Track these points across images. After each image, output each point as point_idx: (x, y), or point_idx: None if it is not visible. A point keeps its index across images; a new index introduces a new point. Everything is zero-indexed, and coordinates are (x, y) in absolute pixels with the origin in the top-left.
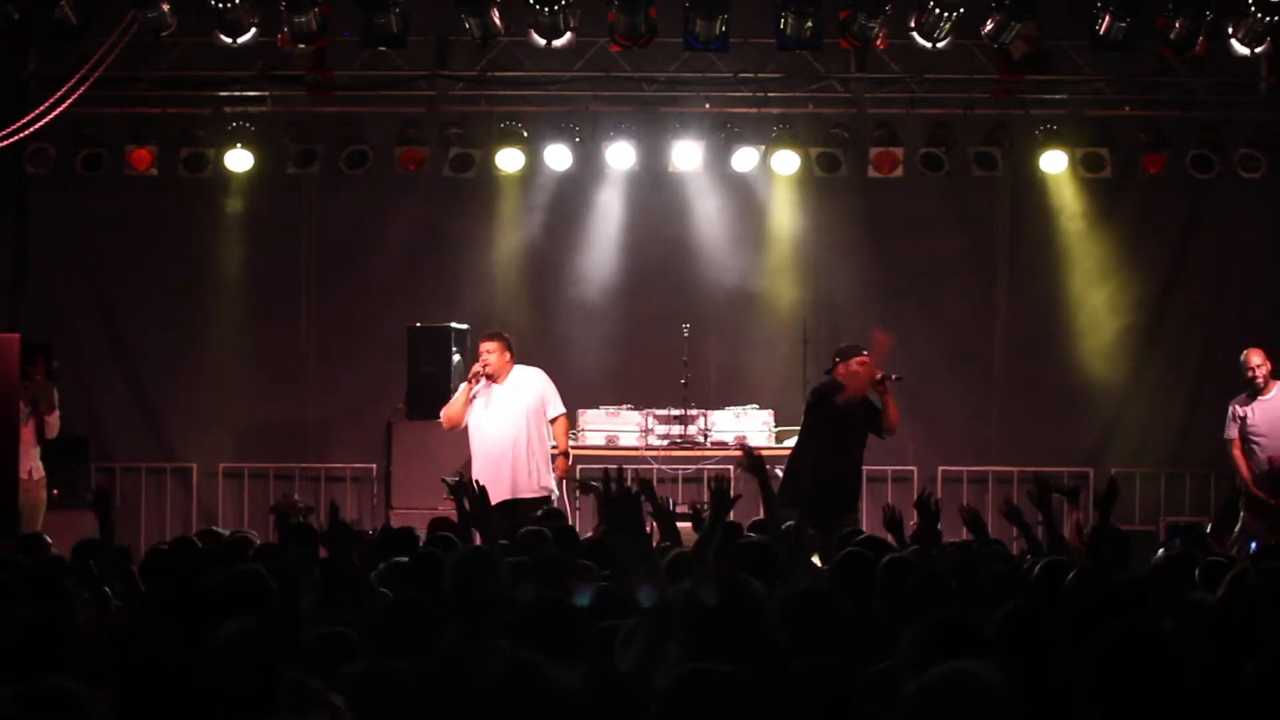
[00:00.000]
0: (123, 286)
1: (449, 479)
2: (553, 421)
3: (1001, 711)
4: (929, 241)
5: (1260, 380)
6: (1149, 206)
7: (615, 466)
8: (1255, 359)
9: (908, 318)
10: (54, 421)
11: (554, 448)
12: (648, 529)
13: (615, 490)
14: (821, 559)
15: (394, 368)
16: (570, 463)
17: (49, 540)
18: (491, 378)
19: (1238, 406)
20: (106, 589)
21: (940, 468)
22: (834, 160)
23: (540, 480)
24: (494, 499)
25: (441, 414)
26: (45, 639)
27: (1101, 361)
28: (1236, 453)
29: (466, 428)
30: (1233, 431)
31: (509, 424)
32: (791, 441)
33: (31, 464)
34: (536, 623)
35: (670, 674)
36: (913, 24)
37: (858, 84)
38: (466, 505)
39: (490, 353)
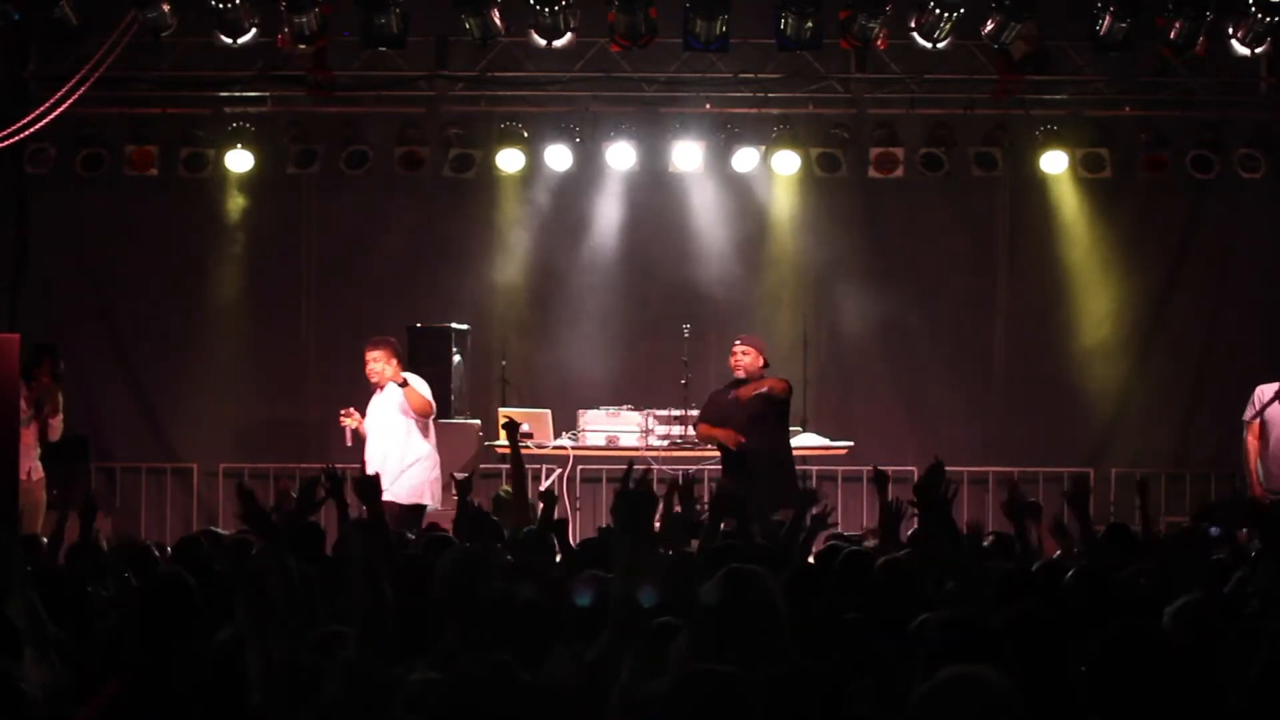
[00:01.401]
0: (123, 286)
1: (457, 475)
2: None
3: (1010, 716)
4: (929, 241)
5: None
6: (1149, 206)
7: (645, 467)
8: None
9: (908, 318)
10: (57, 424)
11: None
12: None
13: (634, 486)
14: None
15: None
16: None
17: (45, 541)
18: (377, 386)
19: (1264, 390)
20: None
21: None
22: (834, 160)
23: (404, 489)
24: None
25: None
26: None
27: (1101, 361)
28: (1251, 439)
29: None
30: (1249, 414)
31: (375, 434)
32: (791, 441)
33: (30, 464)
34: (528, 624)
35: (671, 675)
36: (913, 24)
37: (858, 84)
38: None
39: (375, 361)
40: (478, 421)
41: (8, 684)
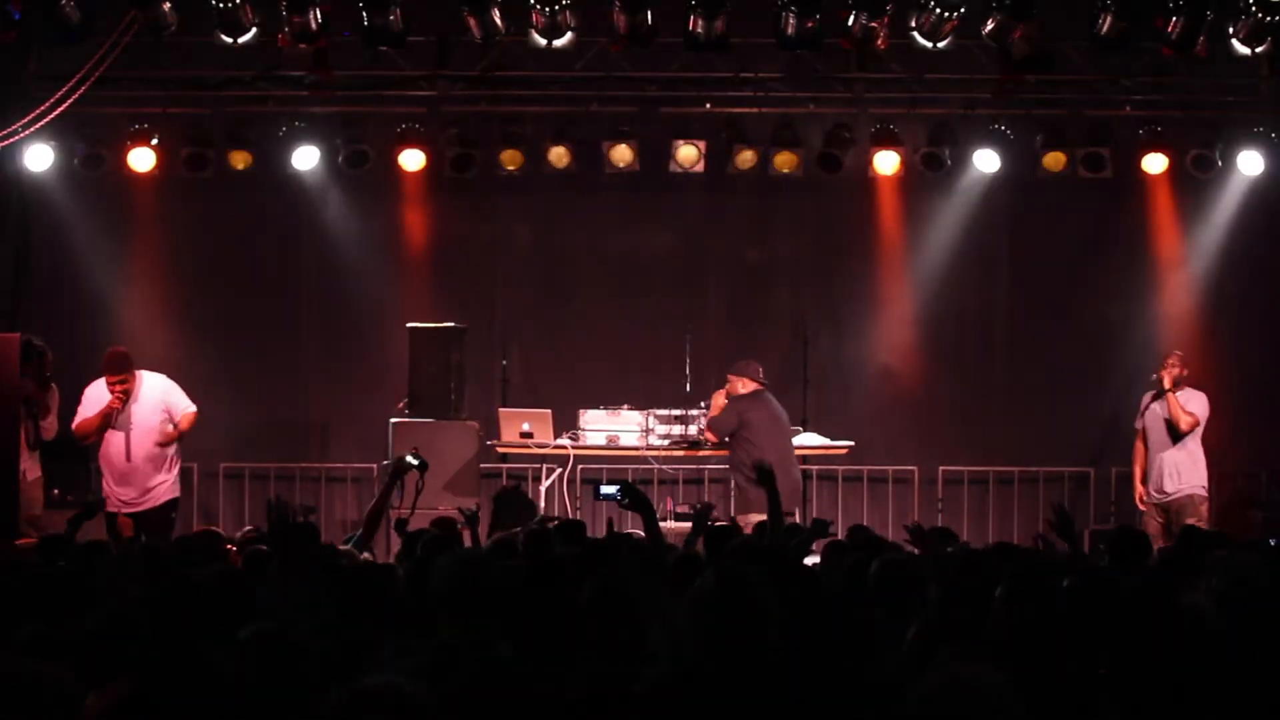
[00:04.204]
0: (123, 287)
1: (465, 509)
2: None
3: (1007, 716)
4: (929, 241)
5: (1168, 382)
6: (1148, 206)
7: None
8: (1174, 358)
9: (907, 318)
10: (50, 425)
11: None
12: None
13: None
14: None
15: (394, 368)
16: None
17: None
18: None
19: (1146, 398)
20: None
21: (940, 468)
22: (834, 160)
23: (165, 490)
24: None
25: (75, 424)
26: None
27: (1101, 361)
28: (1139, 444)
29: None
30: (1139, 422)
31: (140, 440)
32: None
33: (25, 465)
34: (537, 622)
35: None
36: (913, 24)
37: (858, 84)
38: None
39: (125, 383)
40: (476, 424)
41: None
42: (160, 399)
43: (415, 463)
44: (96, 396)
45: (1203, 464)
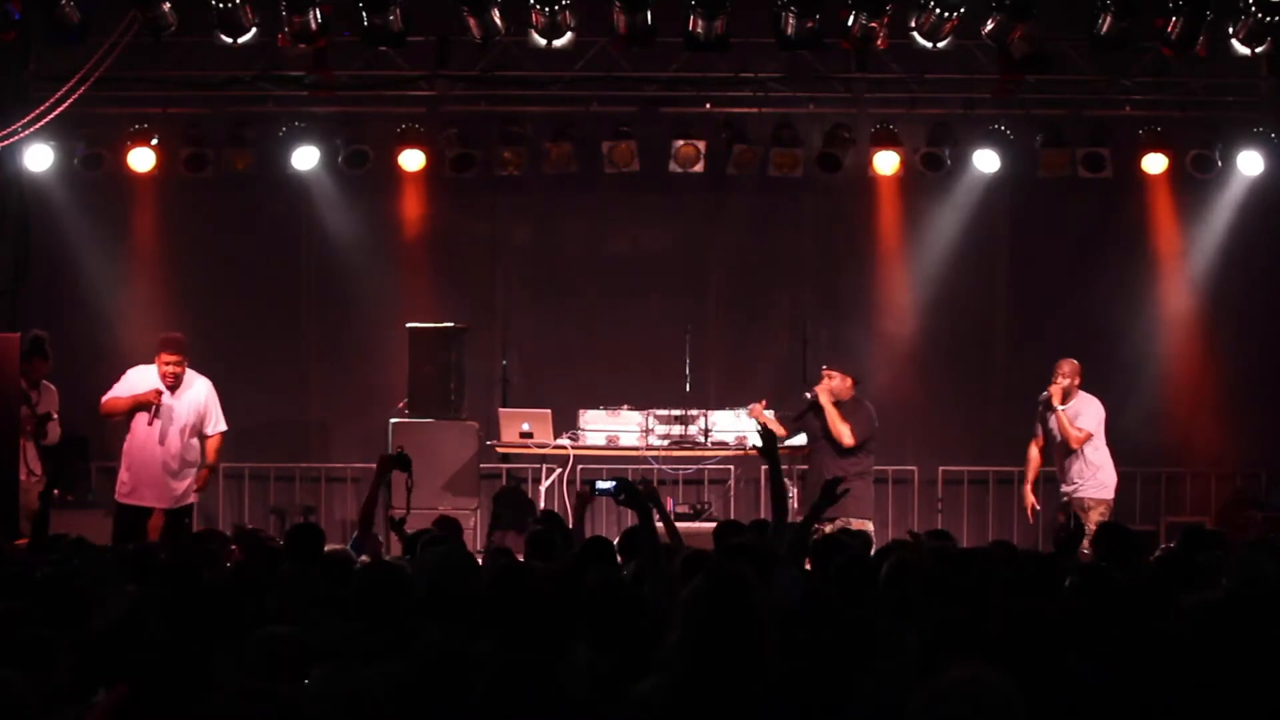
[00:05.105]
0: (123, 286)
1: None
2: (208, 437)
3: (1013, 717)
4: (929, 241)
5: (1056, 399)
6: (1148, 206)
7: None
8: (1065, 368)
9: (907, 318)
10: (51, 441)
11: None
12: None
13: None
14: None
15: (394, 368)
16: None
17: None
18: (171, 388)
19: (1040, 408)
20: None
21: (940, 468)
22: (834, 160)
23: (187, 491)
24: (142, 503)
25: (105, 400)
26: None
27: (1101, 361)
28: (1033, 448)
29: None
30: (1038, 427)
31: (173, 436)
32: (789, 442)
33: (26, 468)
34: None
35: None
36: (913, 24)
37: (858, 84)
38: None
39: (180, 365)
40: (476, 424)
41: None
42: (201, 401)
43: (398, 461)
44: (137, 379)
45: (1103, 470)
